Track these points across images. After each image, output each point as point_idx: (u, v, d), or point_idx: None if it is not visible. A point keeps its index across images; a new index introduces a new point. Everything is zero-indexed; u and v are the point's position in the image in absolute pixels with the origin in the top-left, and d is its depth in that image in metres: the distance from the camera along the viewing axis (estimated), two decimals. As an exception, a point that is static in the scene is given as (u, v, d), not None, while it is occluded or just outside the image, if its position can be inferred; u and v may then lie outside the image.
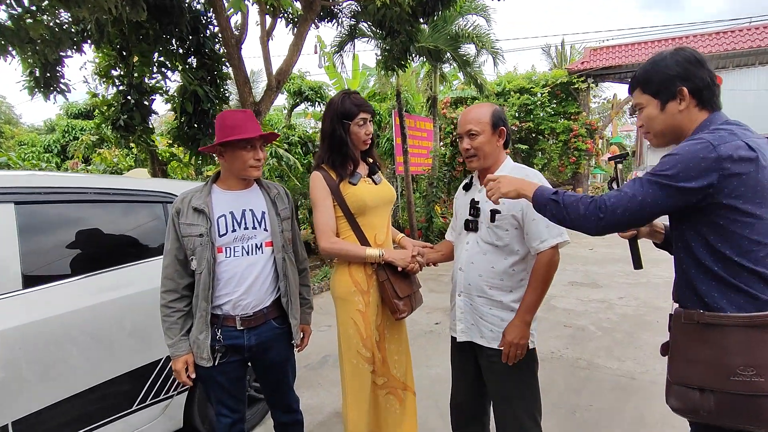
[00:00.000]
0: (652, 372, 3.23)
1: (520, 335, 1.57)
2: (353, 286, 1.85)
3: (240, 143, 1.63)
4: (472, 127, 1.67)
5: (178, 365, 1.65)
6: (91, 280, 1.94)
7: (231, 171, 1.71)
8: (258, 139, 1.67)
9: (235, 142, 1.63)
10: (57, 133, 15.66)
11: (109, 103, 6.01)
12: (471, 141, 1.68)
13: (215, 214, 1.65)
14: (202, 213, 1.62)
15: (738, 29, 11.85)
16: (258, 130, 1.65)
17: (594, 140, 12.76)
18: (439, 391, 2.99)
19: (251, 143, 1.65)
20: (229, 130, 1.62)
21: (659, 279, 6.13)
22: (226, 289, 1.65)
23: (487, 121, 1.66)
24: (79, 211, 2.03)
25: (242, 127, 1.62)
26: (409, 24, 5.88)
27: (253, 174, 1.70)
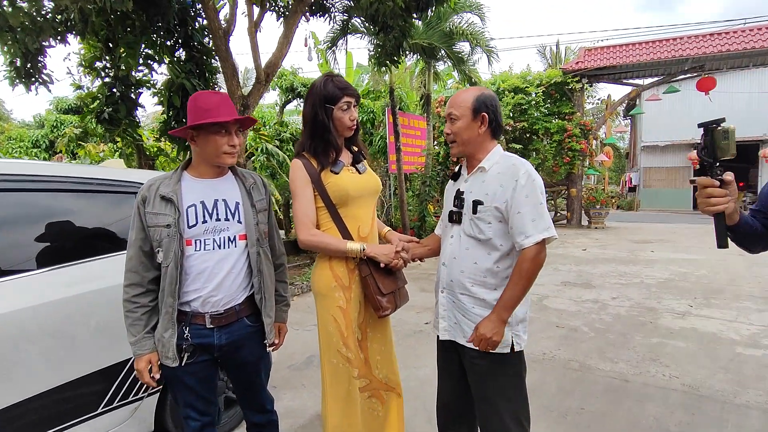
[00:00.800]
0: (645, 374, 3.15)
1: (494, 331, 1.46)
2: (334, 281, 1.74)
3: (213, 127, 1.51)
4: (452, 111, 1.58)
5: (140, 365, 1.53)
6: (55, 273, 1.81)
7: (203, 157, 1.59)
8: (233, 123, 1.55)
9: (208, 126, 1.51)
10: (46, 128, 15.42)
11: (93, 95, 5.86)
12: (451, 125, 1.60)
13: (184, 204, 1.52)
14: (170, 202, 1.50)
15: (732, 31, 11.85)
16: (233, 113, 1.54)
17: (588, 141, 12.72)
18: (427, 392, 2.89)
19: (225, 128, 1.53)
20: (202, 112, 1.50)
21: (652, 280, 6.08)
22: (195, 284, 1.53)
23: (468, 106, 1.56)
24: (46, 200, 1.91)
25: (216, 110, 1.50)
26: (403, 19, 5.78)
27: (227, 161, 1.57)
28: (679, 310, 4.68)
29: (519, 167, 1.51)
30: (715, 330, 4.02)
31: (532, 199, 1.47)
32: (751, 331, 3.98)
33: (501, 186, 1.52)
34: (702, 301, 4.97)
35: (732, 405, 2.70)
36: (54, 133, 14.84)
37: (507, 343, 1.53)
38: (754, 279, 6.02)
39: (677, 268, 6.84)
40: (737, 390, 2.89)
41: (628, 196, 23.88)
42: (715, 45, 11.56)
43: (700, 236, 10.71)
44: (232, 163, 1.60)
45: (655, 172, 21.57)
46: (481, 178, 1.59)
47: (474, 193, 1.58)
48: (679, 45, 12.13)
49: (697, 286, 5.68)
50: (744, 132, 18.58)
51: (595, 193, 13.54)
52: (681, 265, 7.04)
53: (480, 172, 1.61)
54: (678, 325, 4.18)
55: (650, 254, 8.26)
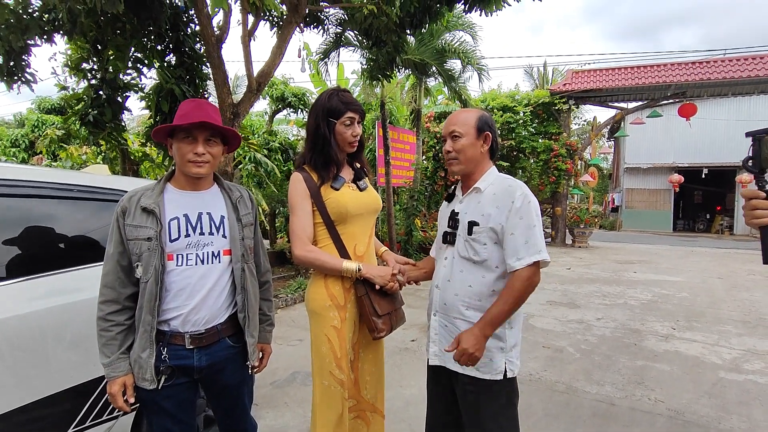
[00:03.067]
0: (631, 398, 3.14)
1: (477, 346, 1.42)
2: (329, 300, 1.69)
3: (180, 134, 1.43)
4: (456, 129, 1.56)
5: (114, 388, 1.42)
6: (26, 285, 1.71)
7: (178, 166, 1.51)
8: (199, 131, 1.44)
9: (177, 132, 1.43)
10: (26, 127, 15.03)
11: (78, 97, 5.72)
12: (453, 143, 1.57)
13: (167, 216, 1.45)
14: (152, 214, 1.42)
15: (713, 60, 12.29)
16: (202, 118, 1.41)
17: (573, 161, 12.94)
18: (413, 414, 2.83)
19: (191, 134, 1.44)
20: (177, 119, 1.43)
21: (635, 301, 6.14)
22: (175, 302, 1.45)
23: (472, 125, 1.56)
24: (20, 206, 1.82)
25: (188, 116, 1.42)
26: (396, 35, 5.82)
27: (191, 171, 1.46)
28: (662, 332, 4.71)
29: (515, 189, 1.50)
30: (698, 354, 4.06)
31: (527, 221, 1.45)
32: (732, 355, 4.02)
33: (497, 207, 1.50)
34: (684, 324, 5.02)
35: (717, 431, 2.70)
36: (35, 133, 14.47)
37: (500, 369, 1.49)
38: (734, 302, 6.12)
39: (659, 289, 6.93)
40: (721, 415, 2.89)
41: (610, 216, 24.31)
42: (696, 73, 11.96)
43: (680, 258, 10.92)
44: (197, 174, 1.48)
45: (638, 194, 22.03)
46: (476, 199, 1.57)
47: (469, 214, 1.56)
48: (662, 72, 12.52)
49: (679, 309, 5.74)
50: (722, 158, 19.20)
51: (579, 213, 13.74)
52: (663, 287, 7.13)
53: (475, 193, 1.59)
54: (662, 348, 4.20)
55: (633, 275, 8.36)
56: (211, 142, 1.47)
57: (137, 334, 1.45)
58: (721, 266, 9.64)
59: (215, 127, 1.46)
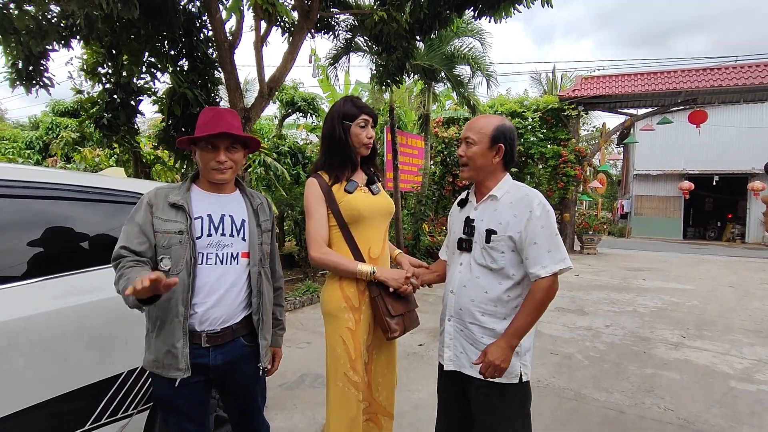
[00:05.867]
0: (640, 405, 3.13)
1: (503, 358, 1.44)
2: (344, 301, 1.72)
3: (201, 143, 1.50)
4: (471, 135, 1.58)
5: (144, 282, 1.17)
6: (49, 284, 1.76)
7: (201, 172, 1.58)
8: (220, 139, 1.50)
9: (199, 141, 1.50)
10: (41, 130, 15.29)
11: (93, 100, 5.84)
12: (466, 149, 1.59)
13: (193, 214, 1.50)
14: (180, 209, 1.48)
15: (724, 67, 12.19)
16: (222, 128, 1.48)
17: (582, 167, 12.89)
18: (421, 417, 2.84)
19: (212, 143, 1.50)
20: (199, 128, 1.50)
21: (644, 308, 6.10)
22: (195, 298, 1.49)
23: (487, 134, 1.57)
24: (41, 208, 1.87)
25: (207, 126, 1.49)
26: (406, 41, 5.87)
27: (215, 177, 1.53)
28: (672, 340, 4.68)
29: (533, 198, 1.51)
30: (709, 363, 4.02)
31: (548, 230, 1.47)
32: (743, 364, 3.98)
33: (515, 216, 1.51)
34: (695, 333, 4.98)
35: (728, 441, 2.68)
36: (49, 136, 14.71)
37: (516, 373, 1.51)
38: (745, 311, 6.05)
39: (669, 297, 6.87)
40: (732, 425, 2.87)
41: (619, 222, 24.12)
42: (707, 80, 11.88)
43: (690, 266, 10.81)
44: (221, 180, 1.55)
45: (647, 201, 21.85)
46: (492, 206, 1.59)
47: (486, 221, 1.57)
48: (673, 78, 12.44)
49: (689, 317, 5.69)
50: (733, 165, 19.00)
51: (588, 219, 13.66)
52: (673, 295, 7.07)
53: (491, 201, 1.60)
54: (672, 356, 4.17)
55: (642, 282, 8.30)
56: (232, 150, 1.53)
57: (167, 326, 1.46)
58: (732, 274, 9.53)
59: (235, 136, 1.51)
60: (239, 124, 1.54)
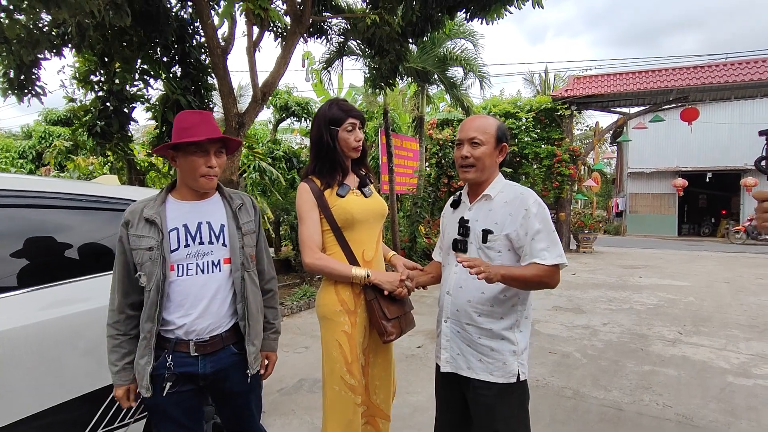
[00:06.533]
0: (639, 403, 3.14)
1: (491, 271, 1.38)
2: (339, 305, 1.71)
3: (190, 147, 1.46)
4: (477, 136, 1.56)
5: (119, 392, 1.51)
6: (42, 293, 1.75)
7: (183, 179, 1.53)
8: (211, 144, 1.47)
9: (185, 146, 1.45)
10: (33, 139, 15.21)
11: (86, 108, 5.81)
12: (472, 149, 1.57)
13: (167, 227, 1.47)
14: (153, 224, 1.45)
15: (715, 64, 12.31)
16: (214, 133, 1.46)
17: (576, 166, 12.95)
18: (420, 420, 2.83)
19: (202, 148, 1.46)
20: (181, 132, 1.45)
21: (641, 306, 6.12)
22: (178, 312, 1.47)
23: (493, 134, 1.57)
24: (34, 217, 1.86)
25: (195, 129, 1.44)
26: (399, 44, 5.89)
27: (204, 185, 1.50)
28: (669, 337, 4.69)
29: (528, 196, 1.52)
30: (705, 358, 4.04)
31: (546, 226, 1.48)
32: (740, 359, 4.00)
33: (510, 215, 1.51)
34: (691, 329, 5.00)
35: (726, 436, 2.69)
36: (42, 145, 14.65)
37: (513, 372, 1.51)
38: (740, 307, 6.09)
39: (665, 294, 6.91)
40: (730, 420, 2.88)
41: (614, 221, 24.23)
42: (698, 77, 11.98)
43: (685, 262, 10.86)
44: (210, 187, 1.53)
45: (641, 198, 21.97)
46: (487, 206, 1.59)
47: (481, 221, 1.57)
48: (664, 76, 12.55)
49: (685, 313, 5.72)
50: (726, 162, 19.15)
51: (583, 218, 13.71)
52: (669, 291, 7.10)
53: (485, 201, 1.60)
54: (669, 353, 4.19)
55: (638, 280, 8.33)
56: (218, 154, 1.51)
57: (140, 342, 1.48)
58: (728, 270, 9.59)
59: (228, 139, 1.50)
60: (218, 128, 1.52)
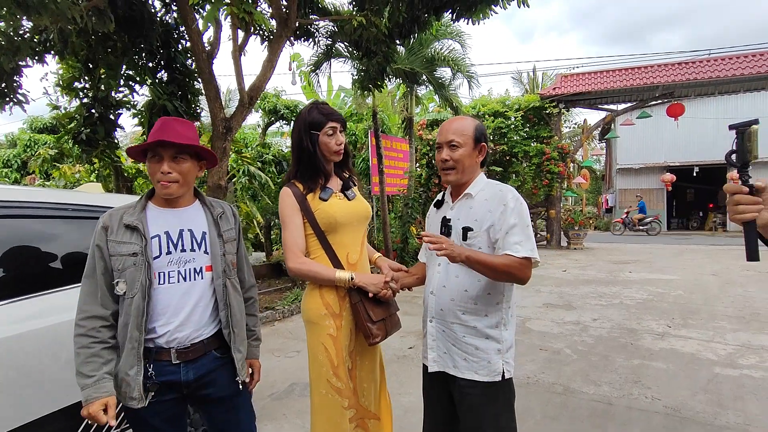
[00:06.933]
0: (628, 397, 3.17)
1: (455, 250, 1.41)
2: (324, 308, 1.71)
3: (149, 153, 1.43)
4: (455, 138, 1.58)
5: (93, 408, 1.32)
6: (19, 305, 1.73)
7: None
8: (165, 149, 1.40)
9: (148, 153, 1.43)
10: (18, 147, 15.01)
11: (71, 115, 5.76)
12: (451, 152, 1.58)
13: (149, 234, 1.45)
14: (135, 230, 1.42)
15: (699, 60, 12.49)
16: (169, 137, 1.39)
17: (566, 163, 13.05)
18: (412, 422, 2.83)
19: (157, 153, 1.41)
20: (149, 137, 1.43)
21: (630, 300, 6.18)
22: (160, 320, 1.44)
23: (470, 135, 1.58)
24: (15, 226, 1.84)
25: (154, 135, 1.41)
26: (386, 45, 5.90)
27: (162, 192, 1.44)
28: (658, 330, 4.75)
29: (506, 192, 1.54)
30: (693, 350, 4.09)
31: (522, 221, 1.49)
32: (727, 350, 4.06)
33: (489, 211, 1.53)
34: (679, 322, 5.06)
35: (713, 427, 2.73)
36: (27, 153, 14.46)
37: (498, 371, 1.51)
38: (728, 299, 6.17)
39: (654, 288, 6.98)
40: (717, 411, 2.92)
41: (605, 217, 24.43)
42: (683, 73, 12.14)
43: (674, 256, 10.99)
44: (166, 195, 1.46)
45: (631, 194, 22.18)
46: (468, 204, 1.60)
47: (462, 219, 1.59)
48: (650, 73, 12.70)
49: (674, 307, 5.79)
50: (712, 156, 19.40)
51: (573, 215, 13.82)
52: (658, 286, 7.18)
53: (466, 199, 1.62)
54: (658, 346, 4.23)
55: (628, 275, 8.41)
56: (178, 159, 1.44)
57: (122, 352, 1.42)
58: (715, 263, 9.72)
59: (178, 145, 1.42)
60: (192, 135, 1.46)
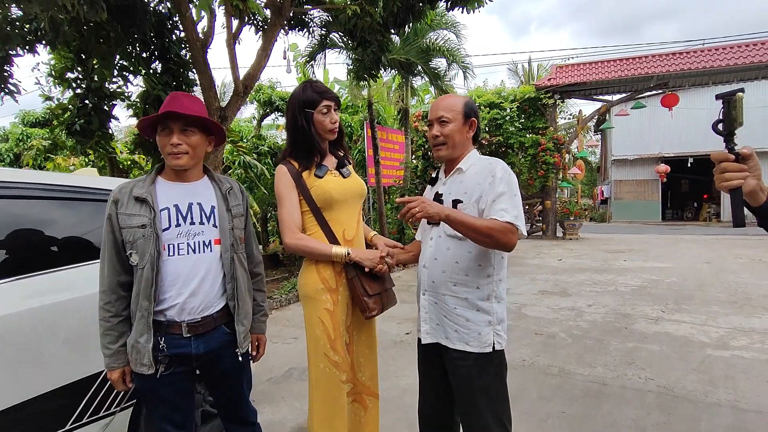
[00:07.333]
0: (622, 377, 3.22)
1: (431, 207, 1.47)
2: (321, 283, 1.73)
3: (158, 128, 1.49)
4: (444, 114, 1.61)
5: (114, 376, 1.50)
6: (18, 283, 1.73)
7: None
8: (175, 120, 1.46)
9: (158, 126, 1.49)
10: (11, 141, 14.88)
11: (64, 107, 5.71)
12: (441, 128, 1.62)
13: (158, 206, 1.49)
14: (144, 202, 1.46)
15: (692, 50, 12.52)
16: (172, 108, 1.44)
17: (561, 154, 13.09)
18: (408, 403, 2.87)
19: (166, 126, 1.48)
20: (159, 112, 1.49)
21: (625, 287, 6.25)
22: (170, 291, 1.48)
23: (460, 110, 1.61)
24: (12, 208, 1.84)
25: (163, 108, 1.47)
26: (380, 34, 5.88)
27: (172, 163, 1.50)
28: (652, 315, 4.81)
29: (496, 164, 1.57)
30: (687, 333, 4.15)
31: (510, 190, 1.51)
32: (719, 333, 4.12)
33: (479, 184, 1.56)
34: (673, 307, 5.12)
35: (704, 404, 2.78)
36: (20, 147, 14.33)
37: (488, 342, 1.54)
38: (721, 285, 6.25)
39: (649, 275, 7.05)
40: (709, 389, 2.97)
41: (600, 208, 24.57)
42: (677, 64, 12.17)
43: (669, 246, 11.09)
44: (176, 165, 1.51)
45: (626, 185, 22.32)
46: (459, 179, 1.63)
47: (453, 193, 1.61)
48: (644, 63, 12.72)
49: (668, 293, 5.85)
50: (706, 146, 19.50)
51: (568, 205, 13.89)
52: (652, 273, 7.25)
53: (458, 174, 1.65)
54: (652, 330, 4.29)
55: (623, 263, 8.48)
56: (187, 132, 1.49)
57: (134, 321, 1.47)
58: (709, 252, 9.81)
59: (185, 116, 1.47)
60: (199, 109, 1.51)
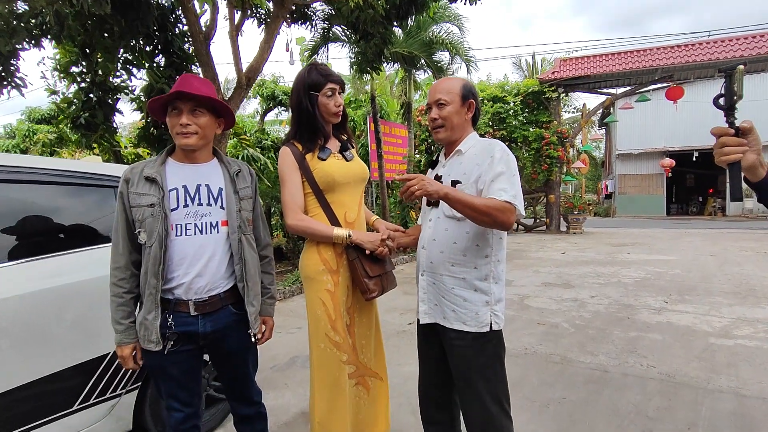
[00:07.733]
0: (624, 365, 3.23)
1: (430, 185, 1.45)
2: (322, 264, 1.75)
3: (168, 109, 1.53)
4: (442, 97, 1.62)
5: (125, 352, 1.53)
6: (27, 266, 1.77)
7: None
8: (185, 101, 1.50)
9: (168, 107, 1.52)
10: (17, 138, 14.99)
11: (69, 100, 5.75)
12: (439, 111, 1.63)
13: (167, 186, 1.52)
14: (154, 182, 1.50)
15: (698, 42, 12.41)
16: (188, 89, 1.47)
17: (565, 148, 13.04)
18: (411, 388, 2.88)
19: (176, 107, 1.51)
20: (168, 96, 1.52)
21: (628, 279, 6.24)
22: (177, 271, 1.51)
23: (457, 92, 1.62)
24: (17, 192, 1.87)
25: (176, 88, 1.50)
26: (383, 27, 5.87)
27: (181, 142, 1.52)
28: (655, 306, 4.81)
29: (494, 145, 1.57)
30: (689, 323, 4.15)
31: (508, 170, 1.51)
32: (722, 323, 4.12)
33: (477, 165, 1.56)
34: (676, 298, 5.12)
35: (706, 390, 2.79)
36: (26, 143, 14.43)
37: (485, 322, 1.55)
38: (725, 277, 6.23)
39: (652, 268, 7.04)
40: (711, 376, 2.98)
41: (604, 203, 24.47)
42: (682, 56, 12.07)
43: (673, 239, 11.04)
44: (186, 145, 1.53)
45: (630, 179, 22.20)
46: (458, 160, 1.64)
47: (452, 175, 1.63)
48: (649, 56, 12.62)
49: (671, 284, 5.84)
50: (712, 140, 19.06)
51: (572, 199, 13.85)
52: (656, 266, 7.24)
53: (457, 155, 1.66)
54: (654, 320, 4.29)
55: (627, 256, 8.47)
56: (196, 113, 1.52)
57: (143, 298, 1.51)
58: (714, 245, 9.77)
59: (196, 97, 1.50)
60: (209, 91, 1.53)
